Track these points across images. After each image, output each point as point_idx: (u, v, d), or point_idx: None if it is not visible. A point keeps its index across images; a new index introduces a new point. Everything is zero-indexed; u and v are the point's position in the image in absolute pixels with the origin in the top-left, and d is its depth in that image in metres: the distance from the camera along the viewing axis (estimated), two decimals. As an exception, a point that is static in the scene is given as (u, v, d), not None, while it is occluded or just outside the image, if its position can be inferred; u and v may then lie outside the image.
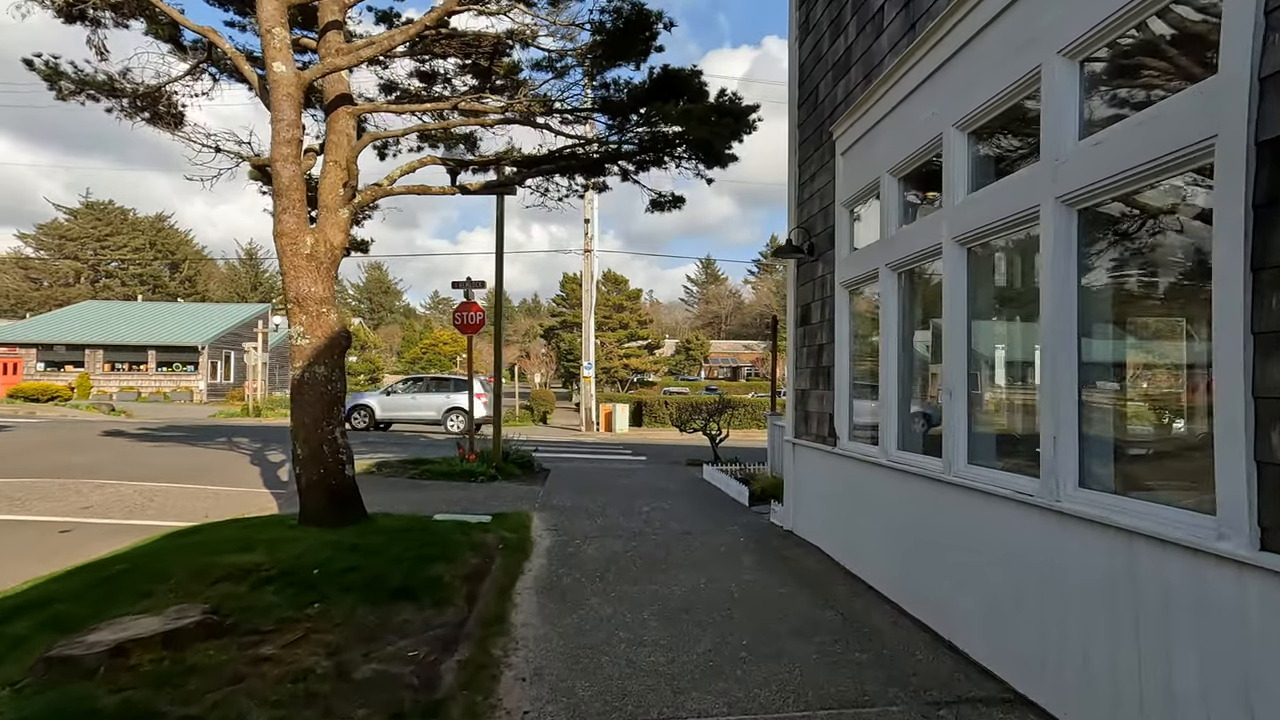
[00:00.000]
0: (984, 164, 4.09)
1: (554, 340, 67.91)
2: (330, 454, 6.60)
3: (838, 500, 6.16)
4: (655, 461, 16.13)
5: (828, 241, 6.47)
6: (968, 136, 4.10)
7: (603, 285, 64.73)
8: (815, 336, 6.80)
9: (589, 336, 29.84)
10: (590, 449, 19.92)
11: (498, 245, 12.81)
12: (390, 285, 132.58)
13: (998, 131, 4.04)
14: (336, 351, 6.84)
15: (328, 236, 6.91)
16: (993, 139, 4.09)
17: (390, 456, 14.85)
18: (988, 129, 4.05)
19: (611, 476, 12.68)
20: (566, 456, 17.29)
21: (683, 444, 19.94)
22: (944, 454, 4.23)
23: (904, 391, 5.12)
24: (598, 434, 27.77)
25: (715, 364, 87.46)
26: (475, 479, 11.58)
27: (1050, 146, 3.29)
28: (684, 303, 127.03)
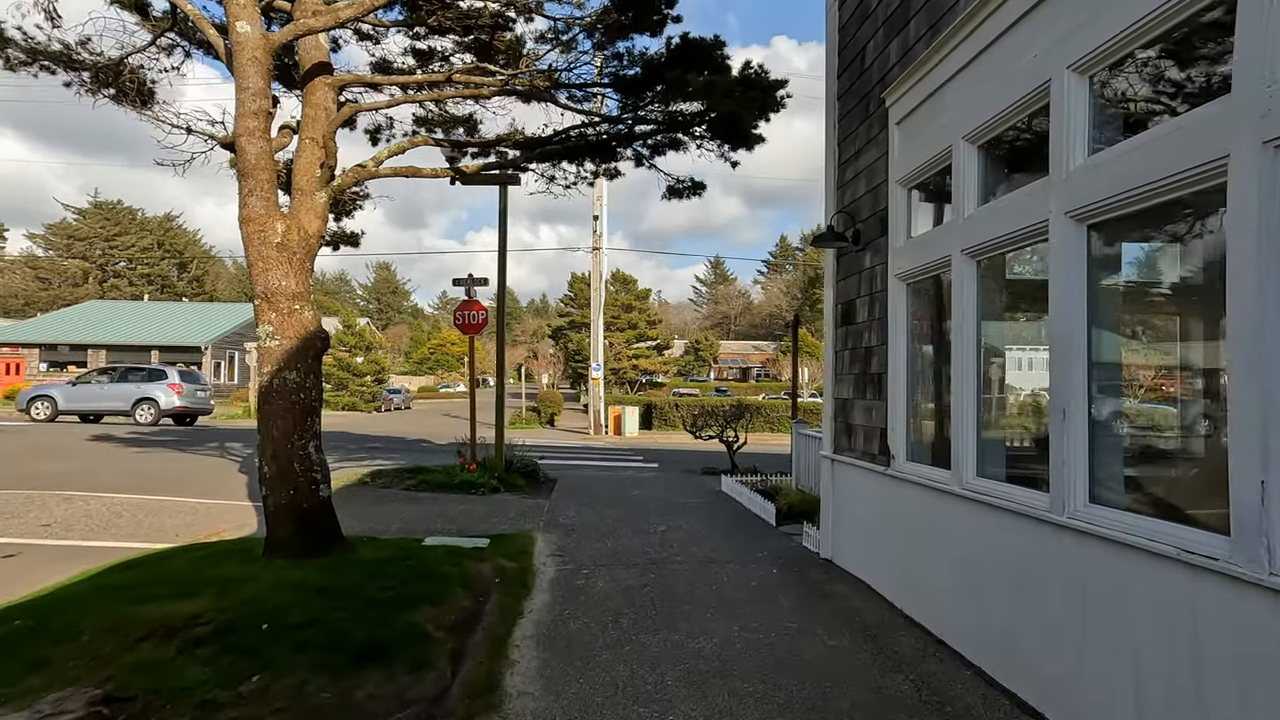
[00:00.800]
0: (1113, 119, 3.18)
1: (562, 341, 67.09)
2: (302, 472, 5.73)
3: (892, 531, 5.24)
4: (668, 469, 15.23)
5: (877, 228, 5.56)
6: (1090, 82, 3.19)
7: (611, 285, 64.02)
8: (861, 338, 5.89)
9: (597, 336, 28.98)
10: (599, 455, 19.04)
11: (500, 239, 11.94)
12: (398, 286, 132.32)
13: (1145, 68, 3.12)
14: (311, 354, 5.98)
15: (302, 223, 6.05)
16: (1138, 77, 3.17)
17: (387, 464, 14.01)
18: (1126, 65, 3.14)
19: (622, 487, 11.80)
20: (574, 464, 16.41)
21: (696, 449, 19.03)
22: (1053, 489, 3.32)
23: (983, 407, 4.20)
24: (606, 437, 26.90)
25: (724, 365, 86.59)
26: (476, 491, 10.72)
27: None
28: (693, 303, 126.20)
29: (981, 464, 4.13)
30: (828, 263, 6.66)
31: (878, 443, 5.49)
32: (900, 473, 5.06)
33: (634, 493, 11.13)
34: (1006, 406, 4.36)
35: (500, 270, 11.98)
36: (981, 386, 4.18)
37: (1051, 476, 3.32)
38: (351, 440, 20.59)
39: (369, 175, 6.66)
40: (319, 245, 6.25)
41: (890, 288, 5.27)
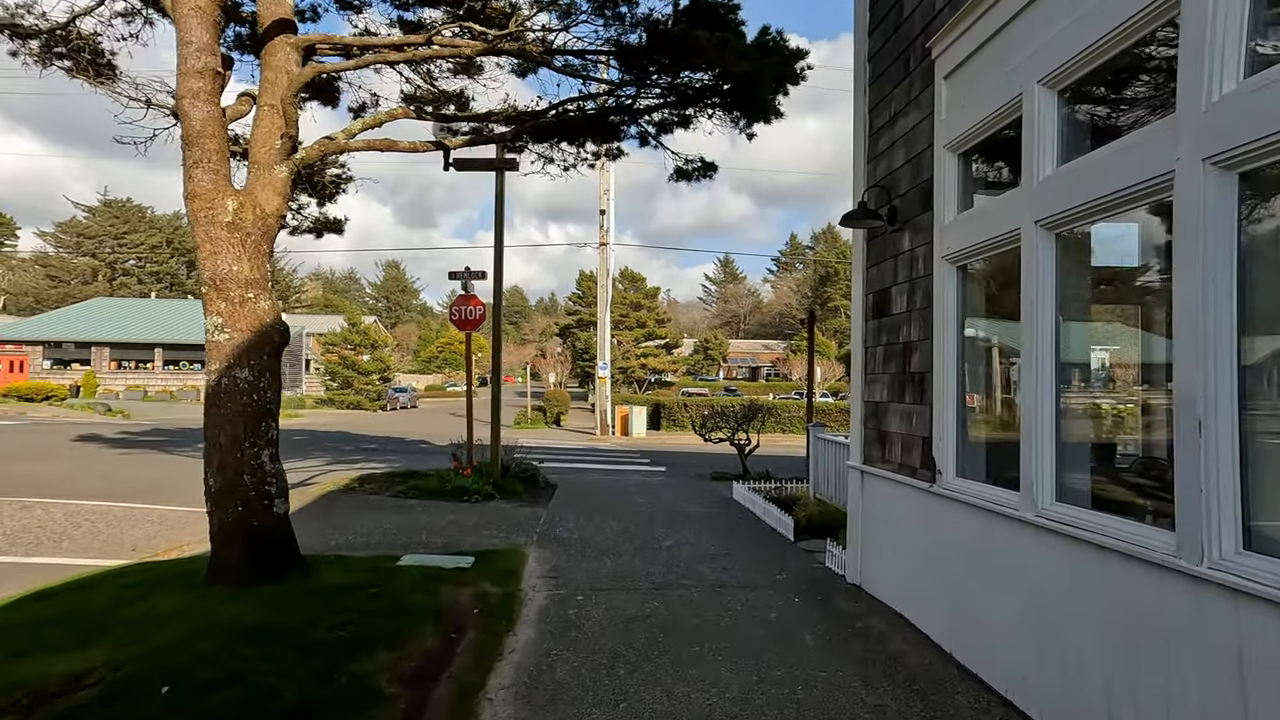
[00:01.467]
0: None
1: (570, 339, 66.37)
2: (253, 485, 4.98)
3: (939, 559, 4.44)
4: (676, 473, 14.45)
5: (919, 203, 4.76)
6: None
7: (619, 283, 63.29)
8: (898, 332, 5.09)
9: (604, 334, 28.21)
10: (604, 457, 18.28)
11: (497, 226, 11.19)
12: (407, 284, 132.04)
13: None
14: (266, 350, 5.23)
15: (258, 201, 5.30)
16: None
17: (379, 467, 13.29)
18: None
19: (627, 494, 11.02)
20: (577, 467, 15.66)
21: (705, 452, 18.21)
22: (1182, 527, 2.51)
23: (1063, 415, 3.40)
24: (613, 438, 26.15)
25: (734, 364, 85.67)
26: (469, 498, 9.97)
27: None
28: (702, 302, 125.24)
29: (1061, 486, 3.33)
30: (856, 248, 5.85)
31: (919, 454, 4.68)
32: (949, 491, 4.26)
33: (638, 500, 10.35)
34: (1098, 415, 3.56)
35: (497, 261, 11.22)
36: (1059, 389, 3.38)
37: (1178, 511, 2.52)
38: (349, 440, 19.92)
39: (339, 148, 5.91)
40: (279, 226, 5.50)
41: (936, 272, 4.46)
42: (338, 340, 46.23)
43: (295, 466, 13.53)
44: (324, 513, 8.93)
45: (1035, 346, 3.42)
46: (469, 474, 10.83)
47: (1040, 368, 3.39)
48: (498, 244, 11.29)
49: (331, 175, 9.03)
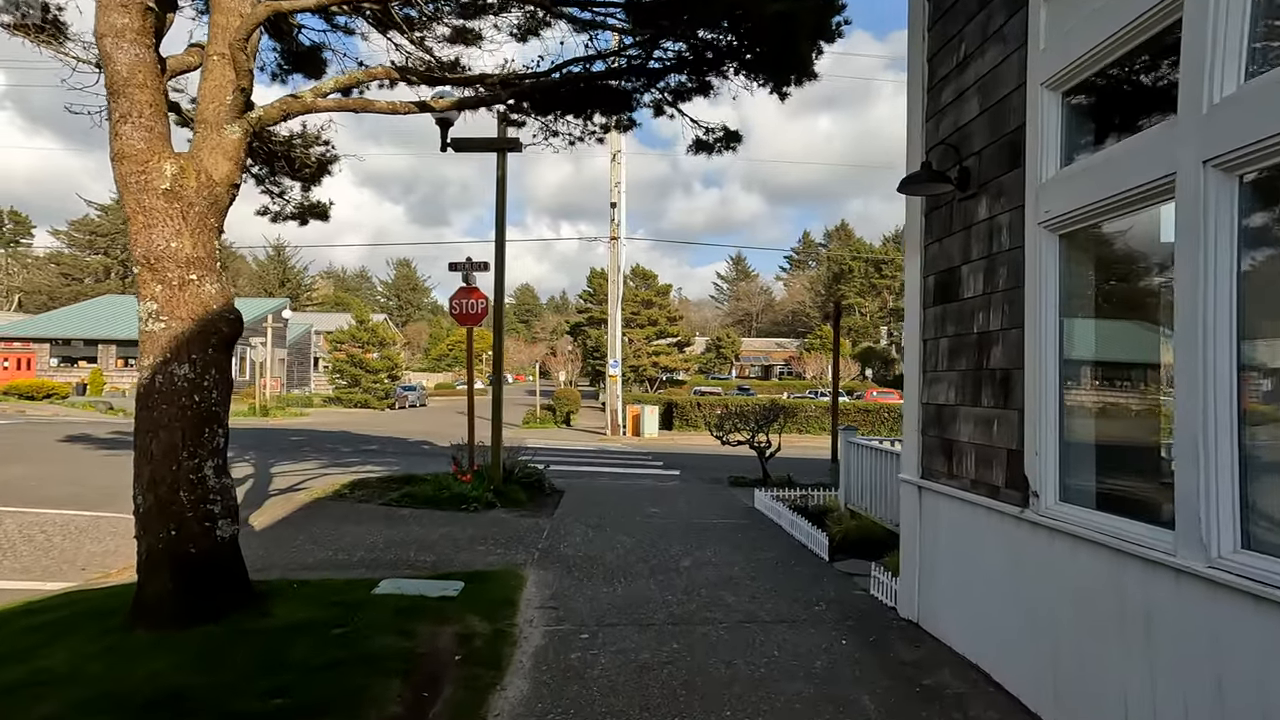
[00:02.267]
0: None
1: (580, 337, 65.57)
2: (191, 503, 4.14)
3: (1036, 605, 3.52)
4: (691, 478, 13.56)
5: (1003, 159, 3.85)
6: None
7: (631, 280, 62.55)
8: (971, 320, 4.17)
9: (615, 331, 27.36)
10: (615, 459, 17.41)
11: (498, 211, 10.35)
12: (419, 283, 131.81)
13: None
14: (212, 343, 4.39)
15: (204, 165, 4.46)
16: None
17: (375, 472, 12.49)
18: None
19: (639, 502, 10.13)
20: (586, 470, 14.80)
21: (720, 454, 17.26)
22: None
23: (1246, 427, 2.48)
24: (624, 439, 25.28)
25: (746, 362, 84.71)
26: (467, 506, 9.13)
27: None
28: (714, 300, 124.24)
29: (1247, 526, 2.42)
30: (911, 224, 4.95)
31: (1003, 470, 3.78)
32: (1051, 519, 3.35)
33: (652, 510, 9.47)
34: None
35: (498, 251, 10.37)
36: (1238, 392, 2.47)
37: None
38: (349, 441, 19.16)
39: (305, 108, 5.05)
40: (230, 197, 4.66)
41: (1029, 243, 3.55)
42: (345, 338, 45.63)
43: (287, 470, 12.77)
44: (306, 523, 8.12)
45: (1200, 334, 2.50)
46: (469, 479, 9.99)
47: (1209, 364, 2.48)
48: (499, 233, 10.45)
49: (316, 154, 8.20)
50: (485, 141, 10.15)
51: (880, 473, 7.78)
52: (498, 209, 10.33)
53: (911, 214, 4.93)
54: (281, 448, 16.63)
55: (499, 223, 10.35)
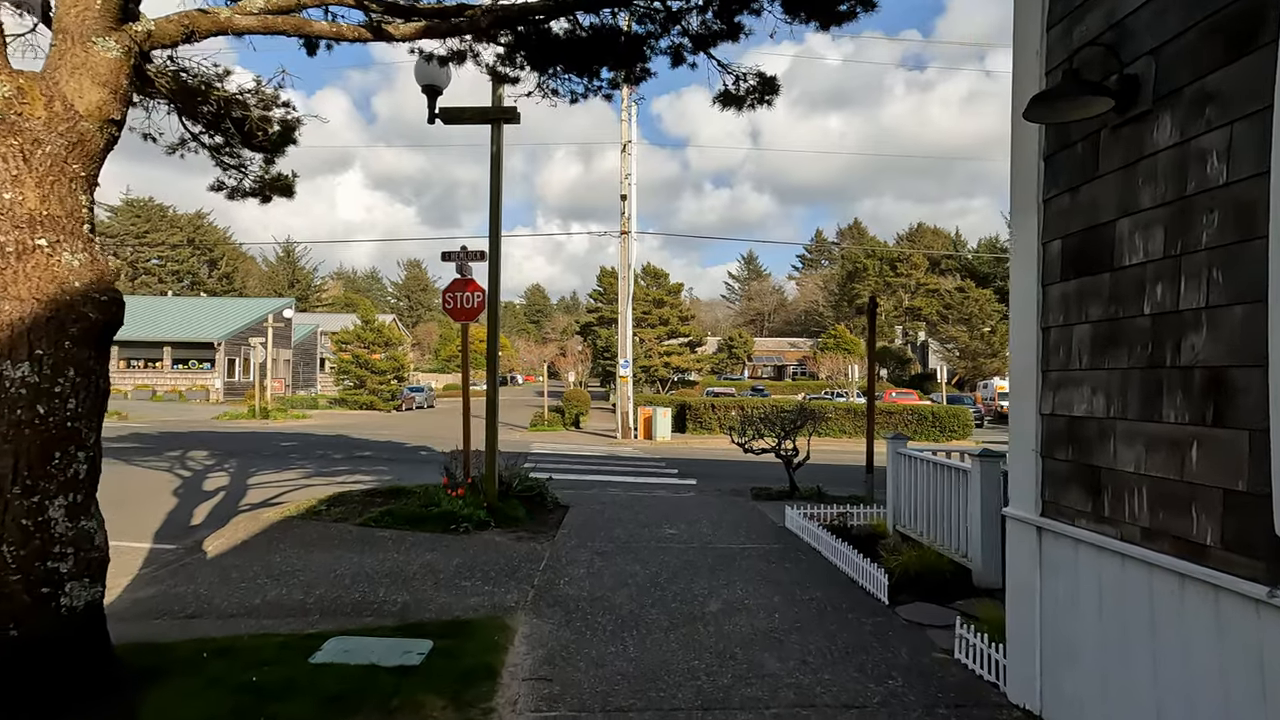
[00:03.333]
0: None
1: (590, 337, 64.36)
2: (19, 561, 2.94)
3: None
4: (709, 488, 12.29)
5: (1218, 48, 2.58)
6: None
7: (642, 279, 61.46)
8: (1139, 297, 2.90)
9: (626, 330, 26.13)
10: (626, 467, 16.18)
11: (493, 190, 9.15)
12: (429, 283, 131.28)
13: None
14: (71, 334, 3.20)
15: (62, 90, 3.28)
16: None
17: (363, 482, 11.33)
18: None
19: (654, 521, 8.89)
20: (595, 479, 13.56)
21: (738, 460, 15.98)
22: None
23: None
24: (635, 442, 24.06)
25: (759, 362, 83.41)
26: (456, 527, 7.93)
27: None
28: (725, 300, 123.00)
29: None
30: (1022, 171, 3.68)
31: (1214, 522, 2.51)
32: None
33: (669, 532, 8.22)
34: None
35: (493, 234, 9.18)
36: None
37: None
38: (343, 447, 18.01)
39: (218, 26, 3.85)
40: (105, 139, 3.46)
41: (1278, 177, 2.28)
42: (350, 338, 44.67)
43: (267, 481, 11.61)
44: (267, 550, 6.95)
45: None
46: (461, 493, 8.79)
47: None
48: (493, 216, 9.24)
49: (277, 117, 7.01)
50: (478, 111, 8.97)
51: (941, 492, 6.50)
52: (492, 190, 9.13)
53: (1022, 158, 3.66)
54: (269, 454, 15.52)
55: (494, 205, 9.15)
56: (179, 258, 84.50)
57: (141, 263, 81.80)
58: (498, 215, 9.10)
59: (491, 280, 9.27)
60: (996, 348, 61.19)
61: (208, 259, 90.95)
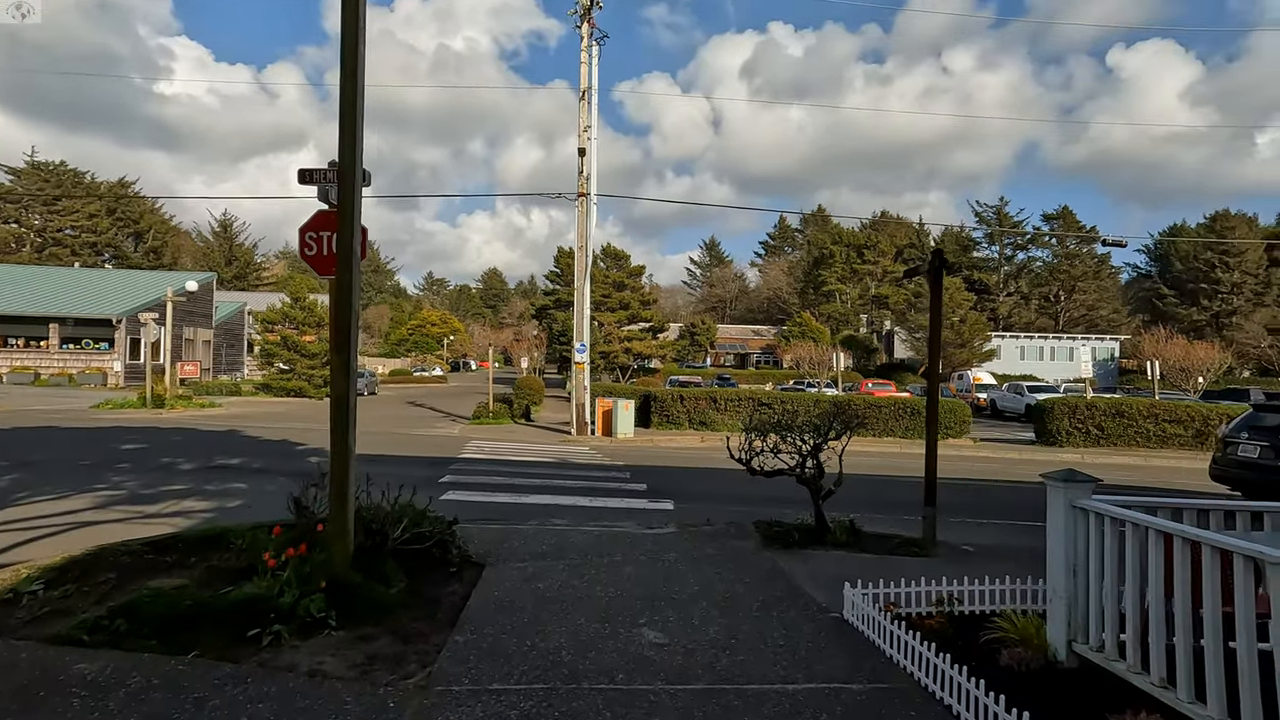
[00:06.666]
0: None
1: (546, 321, 60.40)
2: None
3: None
4: (694, 520, 8.76)
5: None
6: None
7: (601, 260, 57.84)
8: None
9: (583, 310, 22.46)
10: (580, 480, 12.55)
11: (346, 47, 5.40)
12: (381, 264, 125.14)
13: None
14: None
15: None
16: None
17: (190, 515, 7.50)
18: None
19: (620, 612, 5.31)
20: (536, 504, 9.91)
21: (714, 463, 12.44)
22: None
23: None
24: (593, 439, 20.47)
25: (721, 350, 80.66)
26: (261, 635, 4.28)
27: None
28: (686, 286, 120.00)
29: None
30: None
31: None
32: None
33: (650, 638, 4.64)
34: None
35: (344, 106, 5.44)
36: None
37: None
38: (212, 451, 13.88)
39: None
40: None
41: None
42: (277, 317, 39.98)
43: (21, 519, 7.29)
44: None
45: None
46: (299, 552, 5.08)
47: None
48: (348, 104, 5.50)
49: None
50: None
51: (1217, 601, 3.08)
52: (345, 47, 5.37)
53: None
54: (89, 462, 11.48)
55: (349, 84, 5.40)
56: (96, 228, 77.29)
57: (51, 232, 74.49)
58: (354, 69, 5.33)
59: (344, 203, 5.51)
60: (966, 337, 59.17)
61: (132, 231, 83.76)
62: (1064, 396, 24.43)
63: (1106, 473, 15.26)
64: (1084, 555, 3.97)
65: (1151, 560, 3.54)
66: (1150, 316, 75.10)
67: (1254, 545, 3.12)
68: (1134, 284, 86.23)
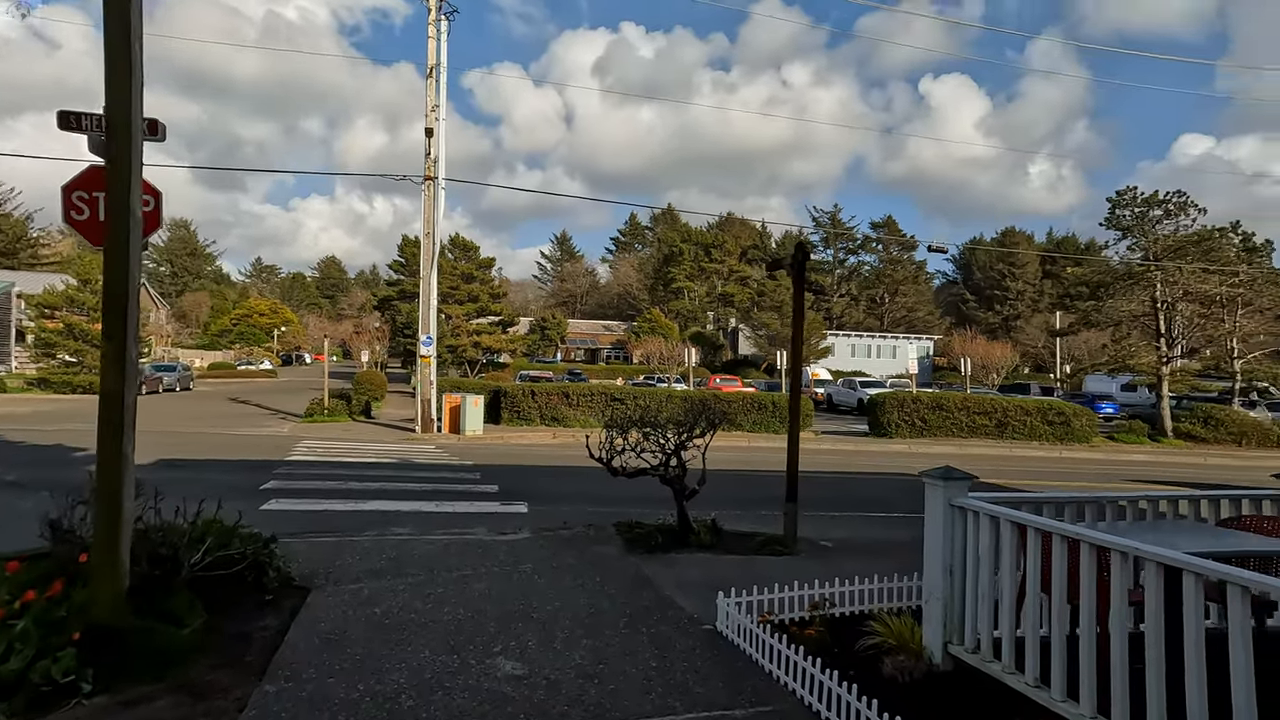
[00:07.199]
0: None
1: (389, 312, 56.89)
2: None
3: None
4: (550, 522, 8.21)
5: None
6: None
7: (450, 251, 55.52)
8: None
9: (430, 301, 21.15)
10: (426, 482, 11.58)
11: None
12: (198, 247, 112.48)
13: None
14: None
15: None
16: None
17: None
18: None
19: (471, 638, 4.67)
20: (374, 511, 8.91)
21: (569, 460, 11.98)
22: None
23: None
24: (440, 437, 19.29)
25: (572, 345, 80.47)
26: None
27: None
28: (537, 280, 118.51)
29: None
30: None
31: None
32: None
33: (507, 670, 4.04)
34: None
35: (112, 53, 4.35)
36: None
37: None
38: None
39: None
40: None
41: None
42: (59, 301, 34.52)
43: None
44: None
45: None
46: (43, 597, 3.96)
47: None
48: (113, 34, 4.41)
49: None
50: None
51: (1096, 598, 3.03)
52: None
53: None
54: None
55: None
56: None
57: None
58: (127, 19, 4.26)
59: (117, 156, 4.40)
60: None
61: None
62: (894, 391, 26.28)
63: (932, 462, 16.48)
64: (961, 554, 3.87)
65: (1030, 557, 3.47)
66: (957, 319, 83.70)
67: (1126, 541, 3.08)
68: (944, 289, 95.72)
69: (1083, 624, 3.19)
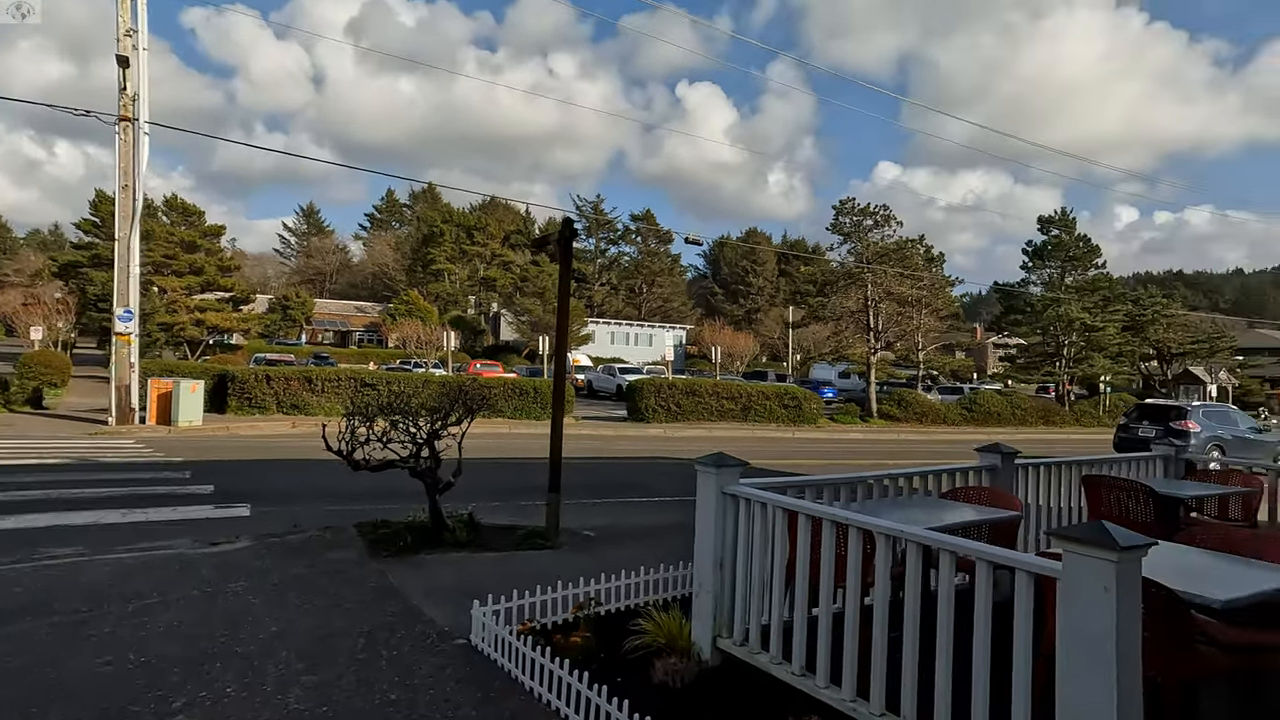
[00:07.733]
0: None
1: (78, 281, 46.86)
2: None
3: None
4: (276, 527, 6.96)
5: None
6: None
7: (166, 214, 47.79)
8: None
9: (130, 268, 17.62)
10: (112, 484, 9.39)
11: None
12: None
13: None
14: None
15: None
16: None
17: None
18: None
19: (135, 670, 3.60)
20: (27, 529, 6.92)
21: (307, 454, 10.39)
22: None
23: None
24: (142, 429, 16.11)
25: (320, 326, 73.59)
26: None
27: None
28: (279, 255, 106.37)
29: None
30: None
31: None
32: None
33: (170, 714, 3.14)
34: None
35: None
36: None
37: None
38: None
39: None
40: None
41: None
42: None
43: None
44: None
45: None
46: None
47: None
48: None
49: None
50: None
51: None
52: None
53: None
54: None
55: None
56: None
57: None
58: None
59: None
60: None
61: None
62: (650, 378, 27.33)
63: (686, 445, 17.30)
64: (732, 543, 3.72)
65: (801, 542, 3.39)
66: (706, 310, 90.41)
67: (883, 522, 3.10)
68: (695, 282, 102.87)
69: (848, 610, 3.16)
